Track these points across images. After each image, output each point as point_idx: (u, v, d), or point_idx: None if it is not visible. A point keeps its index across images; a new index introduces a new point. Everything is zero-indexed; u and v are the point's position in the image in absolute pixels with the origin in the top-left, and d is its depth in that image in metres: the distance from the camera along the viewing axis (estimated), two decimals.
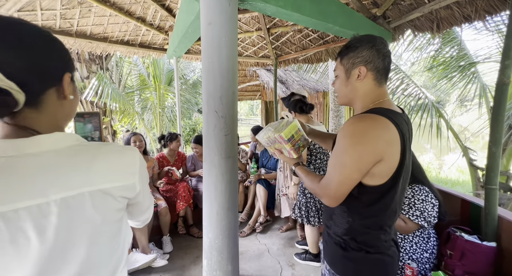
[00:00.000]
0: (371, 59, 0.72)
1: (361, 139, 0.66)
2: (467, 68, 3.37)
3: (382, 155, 0.65)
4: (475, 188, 3.11)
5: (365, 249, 0.72)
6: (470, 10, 1.73)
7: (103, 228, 0.44)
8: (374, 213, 0.71)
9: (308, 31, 3.04)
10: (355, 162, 0.66)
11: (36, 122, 0.41)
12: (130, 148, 0.50)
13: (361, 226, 0.73)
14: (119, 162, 0.47)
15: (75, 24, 2.38)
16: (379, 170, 0.66)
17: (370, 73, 0.73)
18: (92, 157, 0.43)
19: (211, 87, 1.42)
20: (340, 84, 0.80)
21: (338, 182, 0.69)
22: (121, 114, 5.92)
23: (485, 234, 1.23)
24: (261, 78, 6.35)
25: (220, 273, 1.50)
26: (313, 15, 1.87)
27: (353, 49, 0.74)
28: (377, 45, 0.71)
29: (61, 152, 0.41)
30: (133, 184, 0.49)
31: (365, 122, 0.67)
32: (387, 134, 0.65)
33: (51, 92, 0.43)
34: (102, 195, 0.43)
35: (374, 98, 0.75)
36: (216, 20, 1.38)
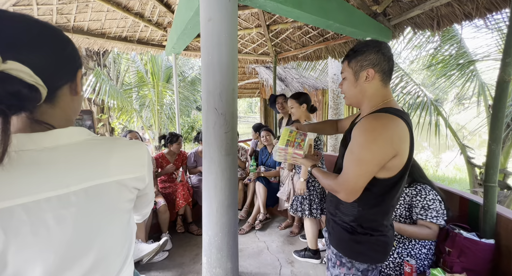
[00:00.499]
0: (377, 62, 0.79)
1: (380, 134, 0.72)
2: (466, 67, 3.38)
3: (398, 150, 0.72)
4: (472, 185, 3.14)
5: (370, 233, 0.82)
6: (471, 8, 1.72)
7: (118, 217, 0.47)
8: (382, 203, 0.79)
9: (308, 28, 3.02)
10: (375, 156, 0.72)
11: (51, 117, 0.43)
12: (139, 142, 0.53)
13: (369, 214, 0.81)
14: (132, 154, 0.50)
15: (72, 20, 2.34)
16: (392, 164, 0.74)
17: (377, 75, 0.80)
18: (109, 150, 0.46)
19: (211, 84, 1.41)
20: (349, 86, 0.86)
21: (356, 176, 0.75)
22: (119, 112, 5.88)
23: (484, 231, 1.24)
24: (260, 75, 6.32)
25: (220, 271, 1.50)
26: (314, 12, 1.85)
27: (360, 53, 0.81)
28: (383, 49, 0.79)
29: (77, 145, 0.44)
30: (143, 176, 0.51)
31: (381, 120, 0.74)
32: (401, 132, 0.73)
33: (65, 88, 0.45)
34: (118, 186, 0.46)
35: (381, 98, 0.82)
36: (216, 16, 1.37)
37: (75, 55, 0.47)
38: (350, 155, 0.77)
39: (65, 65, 0.44)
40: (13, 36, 0.37)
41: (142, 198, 0.58)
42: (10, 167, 0.36)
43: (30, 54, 0.38)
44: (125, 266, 0.51)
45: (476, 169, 3.16)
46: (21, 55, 0.37)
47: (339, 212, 0.88)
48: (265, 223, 2.62)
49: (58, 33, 0.44)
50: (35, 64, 0.38)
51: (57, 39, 0.44)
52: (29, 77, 0.36)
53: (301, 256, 2.01)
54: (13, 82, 0.35)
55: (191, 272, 1.87)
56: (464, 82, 3.41)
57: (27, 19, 0.40)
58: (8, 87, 0.34)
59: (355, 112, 1.10)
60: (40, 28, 0.41)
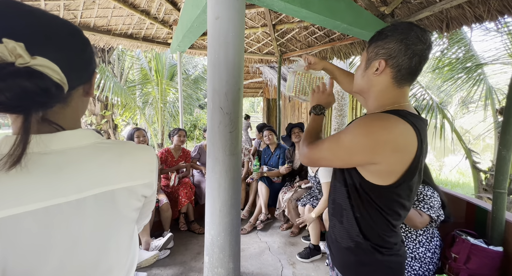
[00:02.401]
0: (395, 54, 0.62)
1: (373, 134, 0.60)
2: (473, 70, 3.33)
3: (380, 160, 0.60)
4: (477, 190, 3.10)
5: (378, 249, 0.68)
6: (482, 10, 1.69)
7: (125, 227, 0.45)
8: (377, 212, 0.67)
9: (314, 29, 3.00)
10: (348, 152, 0.64)
11: (62, 118, 0.42)
12: (148, 147, 0.51)
13: (367, 223, 0.69)
14: (141, 159, 0.48)
15: (78, 16, 2.34)
16: (376, 170, 0.63)
17: (390, 70, 0.65)
18: (119, 155, 0.44)
19: (217, 83, 1.40)
20: (358, 72, 0.73)
21: (322, 153, 0.69)
22: (123, 109, 5.90)
23: (492, 238, 1.22)
24: (264, 75, 6.31)
25: (221, 270, 1.49)
26: (321, 12, 1.83)
27: (382, 37, 0.65)
28: (409, 39, 0.61)
29: (87, 149, 0.42)
30: (151, 182, 0.49)
31: (386, 121, 0.61)
32: (401, 140, 0.60)
33: (80, 89, 0.44)
34: (127, 193, 0.44)
35: (391, 100, 0.67)
36: (224, 14, 1.35)
37: (93, 57, 0.46)
38: (335, 134, 0.69)
39: (84, 66, 0.44)
40: (43, 34, 0.37)
41: (147, 206, 0.54)
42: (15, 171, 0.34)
43: (57, 52, 0.38)
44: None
45: (481, 174, 3.12)
46: (49, 52, 0.36)
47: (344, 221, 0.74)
48: (266, 223, 2.61)
49: (82, 34, 0.44)
50: (60, 63, 0.37)
51: (81, 40, 0.43)
52: (56, 75, 0.35)
53: (306, 256, 2.00)
54: (44, 78, 0.34)
55: (193, 271, 1.87)
56: (471, 86, 3.37)
57: (58, 19, 0.40)
58: (40, 83, 0.33)
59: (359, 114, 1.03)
60: (69, 29, 0.41)
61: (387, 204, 0.66)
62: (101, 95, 5.02)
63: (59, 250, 0.37)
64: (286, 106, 7.65)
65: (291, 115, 7.58)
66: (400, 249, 0.71)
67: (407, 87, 0.67)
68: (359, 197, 0.68)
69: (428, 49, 0.62)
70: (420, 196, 1.30)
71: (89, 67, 0.45)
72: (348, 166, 0.68)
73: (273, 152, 2.82)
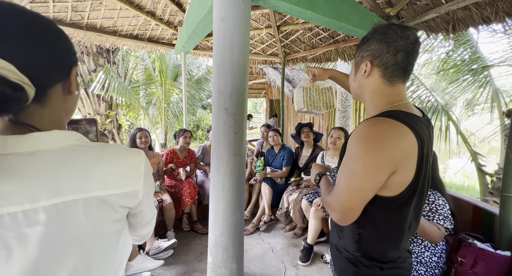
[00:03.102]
0: (378, 54, 0.63)
1: (377, 144, 0.57)
2: (479, 72, 3.30)
3: (397, 166, 0.57)
4: (483, 193, 3.06)
5: (378, 265, 0.66)
6: (489, 12, 1.68)
7: (97, 241, 0.39)
8: (386, 226, 0.64)
9: (319, 30, 3.00)
10: (369, 170, 0.58)
11: (38, 119, 0.38)
12: (136, 150, 0.46)
13: (374, 240, 0.65)
14: (122, 165, 0.42)
15: (85, 17, 2.37)
16: (392, 181, 0.59)
17: (377, 70, 0.65)
18: (93, 160, 0.39)
19: (222, 84, 1.40)
20: (350, 79, 0.75)
21: (346, 194, 0.60)
22: (127, 109, 5.94)
23: (499, 243, 1.20)
24: (267, 76, 6.31)
25: (225, 271, 1.49)
26: (326, 13, 1.83)
27: (364, 41, 0.66)
28: (388, 38, 0.61)
29: (58, 152, 0.38)
30: (136, 191, 0.44)
31: (381, 127, 0.59)
32: (403, 144, 0.57)
33: (58, 87, 0.41)
34: (98, 203, 0.38)
35: (387, 100, 0.65)
36: (230, 16, 1.36)
37: (69, 51, 0.41)
38: (341, 168, 0.64)
39: (57, 62, 0.39)
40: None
41: (137, 217, 0.49)
42: None
43: (16, 49, 0.34)
44: None
45: (487, 177, 3.09)
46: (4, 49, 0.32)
47: (343, 236, 0.71)
48: (269, 224, 2.61)
49: (50, 25, 0.39)
50: (21, 60, 0.34)
51: (49, 32, 0.38)
52: (12, 75, 0.32)
53: (306, 259, 1.99)
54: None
55: (196, 271, 1.87)
56: (477, 88, 3.34)
57: (14, 8, 0.35)
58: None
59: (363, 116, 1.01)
60: (29, 19, 0.36)
61: (396, 216, 0.63)
62: (105, 95, 5.06)
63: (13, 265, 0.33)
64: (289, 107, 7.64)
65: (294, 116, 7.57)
66: (404, 261, 0.68)
67: (401, 84, 0.66)
68: (365, 212, 0.63)
69: (413, 44, 0.62)
70: (433, 206, 1.23)
71: (64, 63, 0.41)
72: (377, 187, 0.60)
73: (277, 153, 2.82)
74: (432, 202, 1.25)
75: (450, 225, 1.19)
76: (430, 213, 1.25)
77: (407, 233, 0.66)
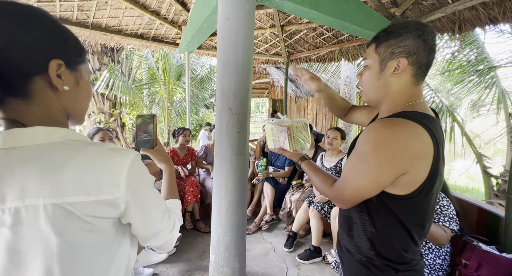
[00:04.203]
0: (415, 51, 0.60)
1: (385, 147, 0.57)
2: (485, 73, 3.26)
3: (407, 168, 0.56)
4: (488, 196, 3.03)
5: (393, 266, 0.64)
6: (497, 12, 1.66)
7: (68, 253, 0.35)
8: (397, 226, 0.63)
9: (323, 30, 2.99)
10: (373, 171, 0.58)
11: (25, 115, 0.36)
12: (123, 152, 0.40)
13: (387, 239, 0.64)
14: (97, 169, 0.36)
15: (91, 16, 2.39)
16: (401, 181, 0.58)
17: (410, 68, 0.62)
18: (65, 160, 0.35)
19: (226, 83, 1.41)
20: (370, 77, 0.67)
21: (351, 189, 0.62)
22: (130, 107, 5.99)
23: (504, 245, 1.19)
24: (270, 76, 6.31)
25: (227, 270, 1.50)
26: (331, 13, 1.83)
27: (395, 36, 0.61)
28: (426, 35, 0.59)
29: (34, 150, 0.35)
30: (113, 200, 0.37)
31: (392, 128, 0.57)
32: (416, 145, 0.56)
33: (39, 81, 0.37)
34: (61, 211, 0.34)
35: (407, 99, 0.63)
36: (234, 15, 1.37)
37: (47, 41, 0.37)
38: (350, 163, 0.65)
39: (30, 52, 0.35)
40: None
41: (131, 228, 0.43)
42: None
43: None
44: None
45: (493, 179, 3.05)
46: None
47: (354, 235, 0.70)
48: (271, 224, 2.61)
49: (24, 12, 0.35)
50: None
51: (20, 20, 0.34)
52: None
53: (306, 258, 1.99)
54: None
55: (198, 269, 1.88)
56: (483, 89, 3.30)
57: None
58: None
59: None
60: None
61: (409, 215, 0.61)
62: (110, 94, 5.11)
63: None
64: (292, 107, 7.63)
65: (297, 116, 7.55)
66: (417, 264, 0.66)
67: (421, 84, 0.65)
68: (377, 210, 0.63)
69: (436, 43, 0.63)
70: (437, 207, 1.22)
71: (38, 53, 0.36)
72: (382, 187, 0.61)
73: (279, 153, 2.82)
74: (437, 203, 1.24)
75: (455, 226, 1.17)
76: (434, 214, 1.23)
77: (422, 233, 0.65)
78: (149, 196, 0.44)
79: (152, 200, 0.44)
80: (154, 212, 0.45)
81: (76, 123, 0.45)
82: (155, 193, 0.45)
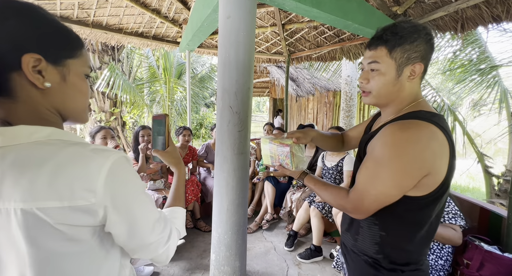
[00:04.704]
0: (427, 55, 0.61)
1: (405, 150, 0.55)
2: (487, 72, 3.24)
3: (429, 168, 0.56)
4: (489, 195, 3.02)
5: (400, 268, 0.64)
6: (500, 10, 1.64)
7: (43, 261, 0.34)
8: (412, 227, 0.62)
9: (324, 28, 2.97)
10: (396, 177, 0.57)
11: (12, 113, 0.36)
12: (104, 153, 0.37)
13: (396, 242, 0.64)
14: (74, 172, 0.34)
15: (92, 15, 2.39)
16: (423, 183, 0.57)
17: (422, 72, 0.63)
18: (42, 162, 0.33)
19: (227, 82, 1.40)
20: (385, 82, 0.64)
21: (372, 198, 0.60)
22: (131, 106, 5.98)
23: (506, 245, 1.18)
24: (271, 75, 6.30)
25: (228, 269, 1.50)
26: (332, 12, 1.81)
27: (410, 40, 0.60)
28: (433, 38, 0.61)
29: (14, 150, 0.33)
30: (90, 206, 0.35)
31: (409, 131, 0.57)
32: (435, 145, 0.56)
33: (16, 78, 0.35)
34: (33, 218, 0.32)
35: (413, 98, 0.65)
36: (235, 14, 1.36)
37: (19, 34, 0.34)
38: (366, 170, 0.62)
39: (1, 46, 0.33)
40: None
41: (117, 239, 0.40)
42: None
43: None
44: None
45: (494, 179, 3.04)
46: None
47: (359, 239, 0.69)
48: (272, 223, 2.61)
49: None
50: None
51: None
52: None
53: (307, 257, 1.99)
54: None
55: (198, 268, 1.88)
56: (485, 89, 3.28)
57: None
58: None
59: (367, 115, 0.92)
60: None
61: (426, 215, 0.61)
62: (110, 92, 5.10)
63: None
64: (293, 106, 7.62)
65: (297, 115, 7.54)
66: (423, 263, 0.67)
67: None
68: (390, 213, 0.62)
69: None
70: None
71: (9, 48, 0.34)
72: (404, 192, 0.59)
73: None
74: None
75: (462, 221, 1.17)
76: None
77: (430, 234, 0.65)
78: (135, 203, 0.40)
79: (139, 207, 0.40)
80: (142, 222, 0.41)
81: (75, 122, 0.43)
82: (143, 200, 0.41)
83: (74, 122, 0.44)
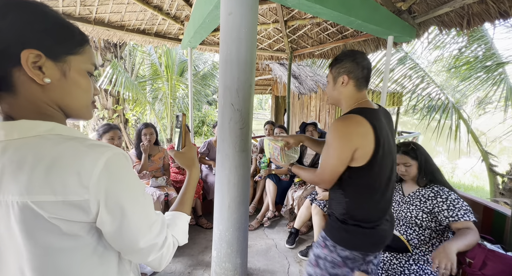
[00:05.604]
0: (352, 70, 0.93)
1: (340, 134, 0.86)
2: (493, 69, 3.19)
3: (357, 145, 0.84)
4: (493, 194, 2.99)
5: (361, 224, 0.90)
6: (507, 6, 1.61)
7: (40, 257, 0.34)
8: (364, 190, 0.89)
9: (327, 25, 2.94)
10: (337, 152, 0.86)
11: (15, 108, 0.36)
12: (99, 149, 0.37)
13: (358, 205, 0.90)
14: (68, 167, 0.34)
15: (94, 11, 2.38)
16: (357, 155, 0.85)
17: (352, 81, 0.94)
18: (40, 156, 0.34)
19: (228, 79, 1.40)
20: (329, 88, 1.02)
21: (328, 170, 0.90)
22: (133, 103, 6.00)
23: (510, 244, 1.17)
24: (274, 72, 6.26)
25: (229, 265, 1.51)
26: (335, 8, 1.79)
27: (339, 62, 0.96)
28: (357, 59, 0.92)
29: (14, 144, 0.34)
30: (83, 202, 0.35)
31: (344, 121, 0.87)
32: (360, 129, 0.84)
33: (17, 74, 0.35)
34: (30, 212, 0.33)
35: (355, 100, 0.95)
36: (237, 10, 1.35)
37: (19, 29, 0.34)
38: (323, 152, 0.92)
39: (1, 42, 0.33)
40: None
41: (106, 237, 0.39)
42: None
43: None
44: None
45: (498, 177, 3.01)
46: None
47: (333, 204, 0.98)
48: (273, 220, 2.62)
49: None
50: None
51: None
52: None
53: (307, 254, 2.00)
54: None
55: (200, 264, 1.90)
56: (491, 86, 3.23)
57: None
58: None
59: None
60: None
61: (370, 181, 0.88)
62: (113, 90, 5.12)
63: None
64: (295, 104, 7.58)
65: (299, 113, 7.51)
66: (381, 223, 0.91)
67: (364, 90, 0.97)
68: (348, 184, 0.90)
69: (370, 64, 0.95)
70: (449, 203, 1.19)
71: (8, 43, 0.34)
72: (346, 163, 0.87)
73: None
74: (445, 198, 1.21)
75: (473, 216, 1.15)
76: (450, 212, 1.18)
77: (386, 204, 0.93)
78: (129, 203, 0.38)
79: (132, 208, 0.39)
80: (134, 224, 0.39)
81: (78, 118, 0.43)
82: (139, 201, 0.40)
83: (77, 118, 0.44)
